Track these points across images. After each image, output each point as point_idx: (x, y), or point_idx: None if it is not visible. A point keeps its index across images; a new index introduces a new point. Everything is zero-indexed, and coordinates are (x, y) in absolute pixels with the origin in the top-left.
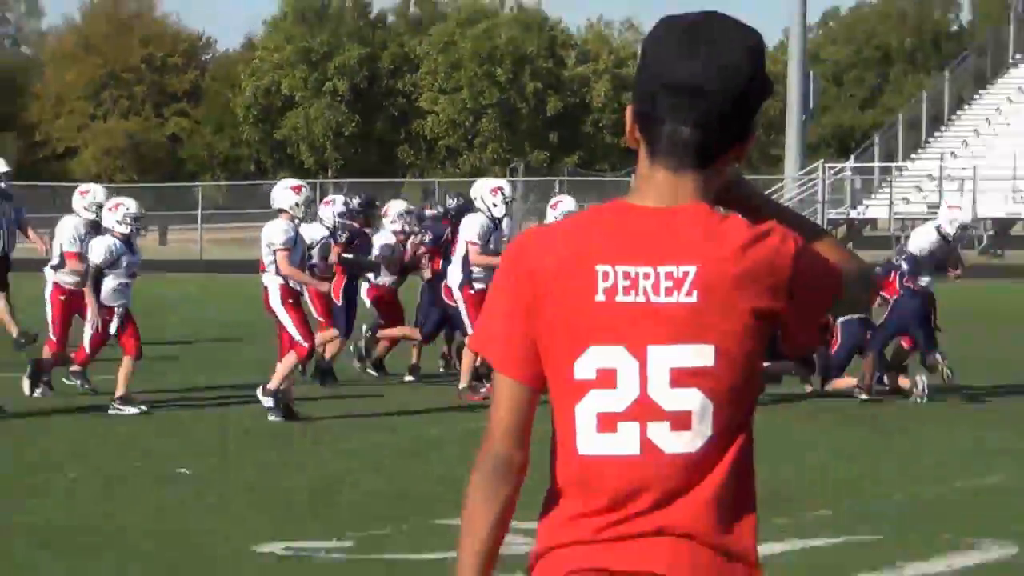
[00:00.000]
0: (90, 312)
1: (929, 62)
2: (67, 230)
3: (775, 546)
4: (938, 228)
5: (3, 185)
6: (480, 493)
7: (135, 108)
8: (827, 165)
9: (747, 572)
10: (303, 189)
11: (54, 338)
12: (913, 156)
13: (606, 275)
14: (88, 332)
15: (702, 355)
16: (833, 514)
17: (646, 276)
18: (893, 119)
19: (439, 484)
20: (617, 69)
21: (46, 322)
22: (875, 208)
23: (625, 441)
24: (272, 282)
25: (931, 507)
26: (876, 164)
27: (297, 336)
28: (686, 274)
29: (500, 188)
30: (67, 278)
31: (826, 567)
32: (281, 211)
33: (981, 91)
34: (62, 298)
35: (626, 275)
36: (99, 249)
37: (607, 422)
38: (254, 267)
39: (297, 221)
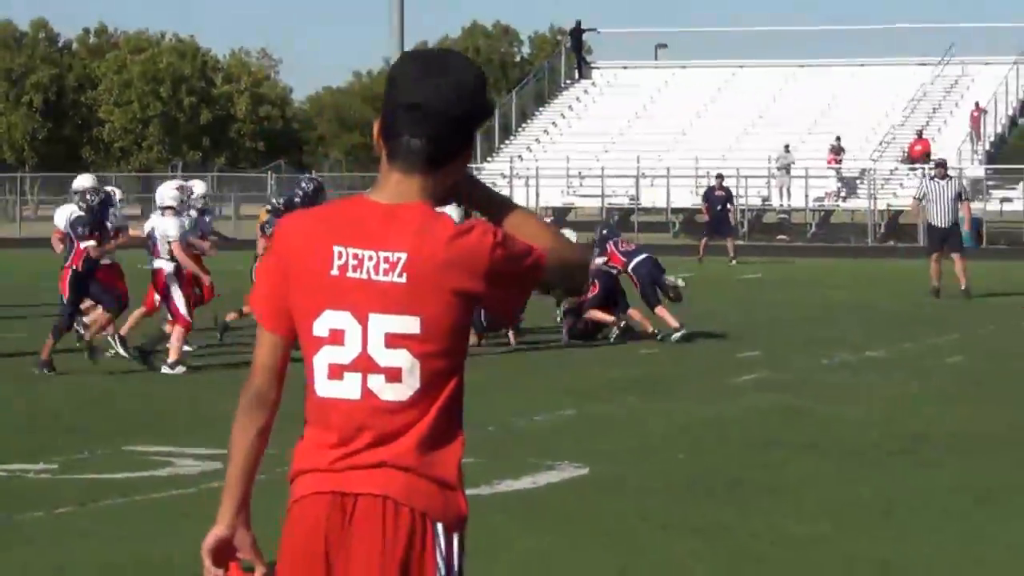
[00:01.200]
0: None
1: (498, 84)
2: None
3: None
4: None
5: None
6: (241, 421)
7: None
8: None
9: (452, 494)
10: (184, 188)
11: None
12: (489, 159)
13: (340, 254)
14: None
15: (410, 324)
16: None
17: (370, 258)
18: None
19: (127, 418)
20: (255, 88)
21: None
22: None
23: (349, 388)
24: (167, 266)
25: (518, 436)
26: None
27: (183, 311)
28: (399, 259)
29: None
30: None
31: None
32: (168, 208)
33: (541, 108)
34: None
35: (355, 256)
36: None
37: (336, 371)
38: None
39: (184, 214)
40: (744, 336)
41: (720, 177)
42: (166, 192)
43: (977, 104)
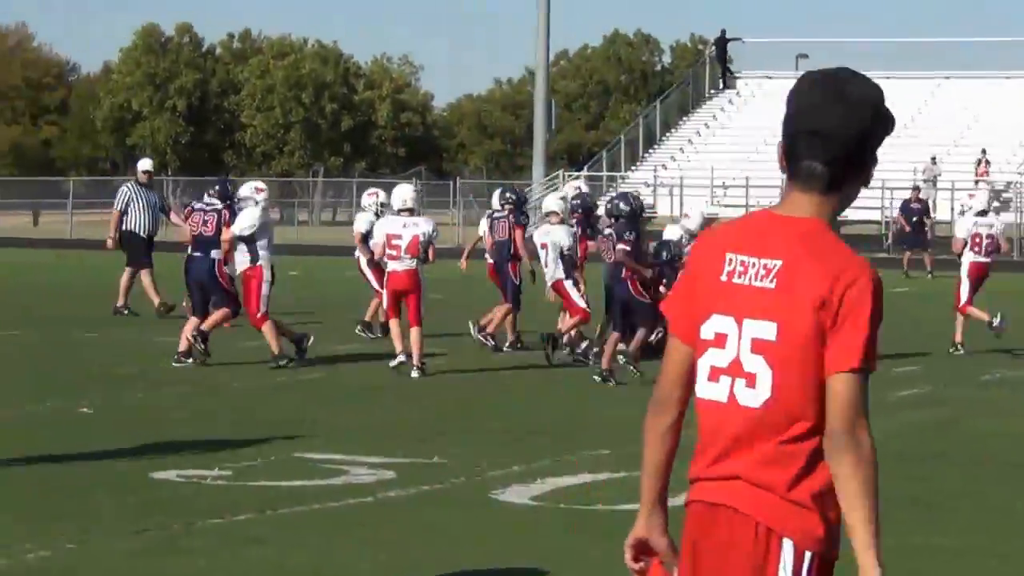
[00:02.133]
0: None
1: (639, 94)
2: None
3: (571, 479)
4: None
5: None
6: (649, 422)
7: (16, 118)
8: (565, 173)
9: (805, 513)
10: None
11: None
12: (632, 168)
13: (730, 261)
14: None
15: (769, 330)
16: (611, 453)
17: (753, 265)
18: (613, 139)
19: (295, 423)
20: (396, 95)
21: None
22: (603, 208)
23: (721, 390)
24: (560, 272)
25: (688, 448)
26: (604, 173)
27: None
28: (775, 266)
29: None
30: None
31: (613, 497)
32: (553, 213)
33: (685, 117)
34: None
35: (742, 263)
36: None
37: (714, 374)
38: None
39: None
40: (899, 350)
41: (917, 189)
42: (552, 200)
43: None
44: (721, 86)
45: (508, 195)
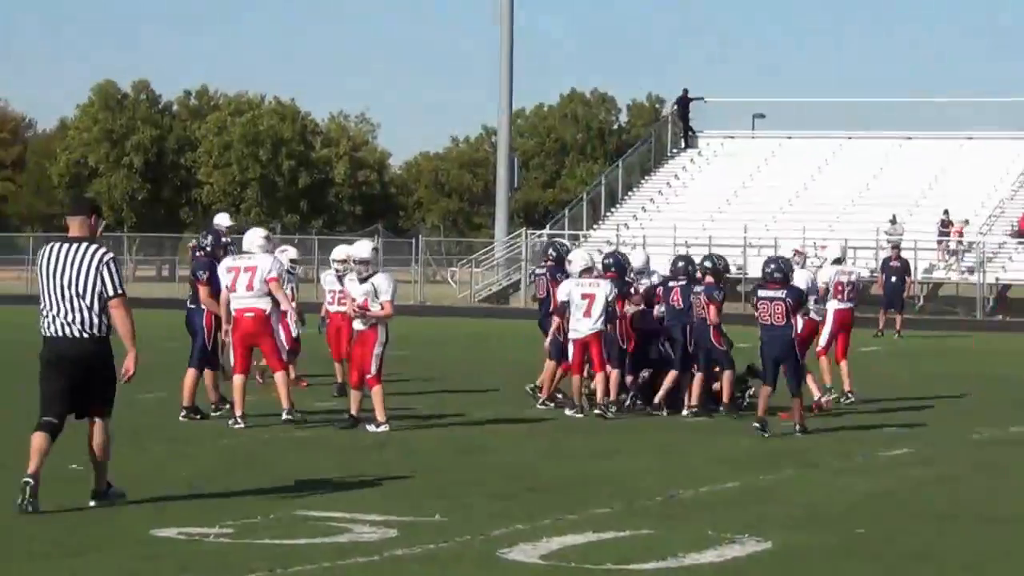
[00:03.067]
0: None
1: (596, 152)
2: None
3: (576, 538)
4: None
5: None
6: None
7: None
8: (528, 232)
9: None
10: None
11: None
12: (595, 226)
13: None
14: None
15: None
16: (612, 511)
17: None
18: (570, 197)
19: (289, 479)
20: (354, 152)
21: None
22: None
23: None
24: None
25: (688, 508)
26: (567, 232)
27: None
28: None
29: None
30: None
31: (623, 557)
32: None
33: (647, 176)
34: None
35: None
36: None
37: None
38: None
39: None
40: (880, 409)
41: (896, 248)
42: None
43: None
44: (683, 145)
45: (549, 251)
